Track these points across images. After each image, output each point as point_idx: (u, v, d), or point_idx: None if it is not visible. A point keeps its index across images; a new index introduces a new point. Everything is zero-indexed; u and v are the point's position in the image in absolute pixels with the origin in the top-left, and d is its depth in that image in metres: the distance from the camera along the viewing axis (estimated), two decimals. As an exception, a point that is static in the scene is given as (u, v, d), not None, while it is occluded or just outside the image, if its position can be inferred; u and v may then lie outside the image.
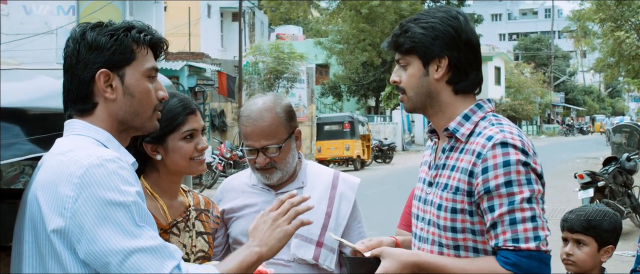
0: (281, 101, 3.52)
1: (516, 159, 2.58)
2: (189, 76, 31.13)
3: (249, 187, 3.61)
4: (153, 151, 3.04)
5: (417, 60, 2.75)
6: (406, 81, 2.79)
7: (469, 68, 2.76)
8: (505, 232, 2.58)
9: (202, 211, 3.23)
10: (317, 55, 51.54)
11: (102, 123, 2.45)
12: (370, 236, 3.62)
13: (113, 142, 2.44)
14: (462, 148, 2.72)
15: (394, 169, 31.96)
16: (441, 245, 2.75)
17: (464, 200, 2.67)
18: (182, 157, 3.02)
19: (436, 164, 2.83)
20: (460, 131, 2.74)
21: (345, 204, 3.60)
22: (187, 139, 3.02)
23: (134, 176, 2.34)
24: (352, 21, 50.26)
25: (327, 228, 3.51)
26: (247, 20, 44.64)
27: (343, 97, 54.27)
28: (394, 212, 16.79)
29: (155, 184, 3.08)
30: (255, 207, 3.53)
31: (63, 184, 2.24)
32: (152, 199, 3.04)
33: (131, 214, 2.24)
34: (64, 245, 2.24)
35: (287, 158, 3.48)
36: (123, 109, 2.45)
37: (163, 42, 2.57)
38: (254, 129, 3.41)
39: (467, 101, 2.79)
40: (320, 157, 31.25)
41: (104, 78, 2.41)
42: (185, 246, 3.03)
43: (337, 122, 32.81)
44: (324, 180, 3.62)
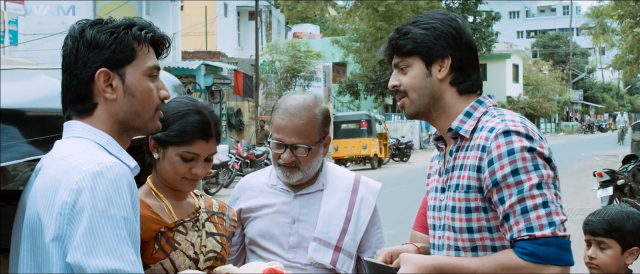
0: (320, 104, 3.46)
1: (520, 146, 2.54)
2: (206, 75, 31.20)
3: (268, 187, 3.55)
4: (154, 147, 2.98)
5: (419, 61, 2.72)
6: (408, 83, 2.75)
7: (470, 69, 2.74)
8: (518, 222, 2.53)
9: (214, 214, 3.16)
10: (334, 54, 51.45)
11: (102, 124, 2.38)
12: (387, 236, 3.58)
13: (114, 145, 2.38)
14: (468, 145, 2.68)
15: (412, 168, 31.82)
16: (458, 249, 2.70)
17: (477, 197, 2.63)
18: (173, 172, 2.95)
19: (446, 169, 2.78)
20: (463, 127, 2.70)
21: (365, 209, 3.53)
22: (184, 159, 2.94)
23: (131, 185, 2.27)
24: (369, 19, 50.16)
25: (346, 232, 3.45)
26: (263, 19, 44.69)
27: (360, 95, 54.08)
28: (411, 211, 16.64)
29: (158, 184, 3.03)
30: (274, 207, 3.48)
31: (61, 191, 2.19)
32: (157, 199, 3.00)
33: (120, 231, 2.18)
34: (59, 255, 2.19)
35: (312, 162, 3.42)
36: (124, 109, 2.39)
37: (165, 39, 2.50)
38: (289, 124, 3.35)
39: (469, 101, 2.76)
40: (337, 156, 31.30)
41: (104, 77, 2.35)
42: (193, 244, 2.96)
43: (354, 120, 32.70)
44: (345, 184, 3.56)
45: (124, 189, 2.22)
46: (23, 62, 5.18)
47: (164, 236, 2.90)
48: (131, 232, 2.22)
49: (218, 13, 39.97)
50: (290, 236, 3.42)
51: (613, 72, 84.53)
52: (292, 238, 3.42)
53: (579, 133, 71.61)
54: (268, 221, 3.45)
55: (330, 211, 3.46)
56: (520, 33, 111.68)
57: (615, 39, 37.73)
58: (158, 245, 2.88)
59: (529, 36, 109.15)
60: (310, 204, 3.48)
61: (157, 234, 2.89)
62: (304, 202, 3.48)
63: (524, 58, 69.20)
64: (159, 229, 2.90)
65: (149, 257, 2.84)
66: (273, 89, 38.36)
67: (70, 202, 2.17)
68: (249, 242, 3.49)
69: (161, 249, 2.88)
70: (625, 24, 32.91)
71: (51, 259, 2.19)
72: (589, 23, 49.98)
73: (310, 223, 3.44)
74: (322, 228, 3.42)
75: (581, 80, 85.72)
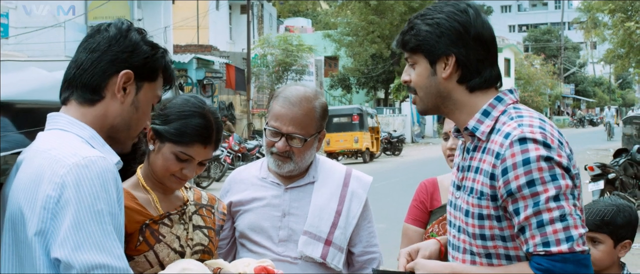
0: (321, 98, 3.46)
1: (536, 155, 2.38)
2: (198, 69, 31.19)
3: (258, 180, 3.54)
4: (151, 138, 2.97)
5: (423, 59, 2.60)
6: (415, 80, 2.63)
7: (480, 65, 2.58)
8: (534, 236, 2.39)
9: (202, 207, 3.16)
10: (326, 48, 51.45)
11: (95, 119, 2.41)
12: (378, 229, 3.58)
13: (97, 139, 2.39)
14: (484, 147, 2.54)
15: (403, 162, 31.83)
16: (473, 254, 2.60)
17: (490, 205, 2.50)
18: (165, 168, 2.94)
19: (461, 166, 2.68)
20: (480, 129, 2.56)
21: (356, 202, 3.52)
22: (178, 159, 2.93)
23: (116, 179, 2.29)
24: (361, 13, 50.10)
25: (336, 226, 3.44)
26: (255, 13, 44.59)
27: (352, 89, 54.10)
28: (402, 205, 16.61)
29: (148, 176, 3.02)
30: (264, 200, 3.47)
31: (45, 184, 2.20)
32: (144, 192, 2.99)
33: (106, 225, 2.19)
34: (42, 249, 2.18)
35: (305, 154, 3.42)
36: (122, 115, 2.44)
37: (173, 78, 2.60)
38: (288, 113, 3.35)
39: (487, 97, 2.60)
40: (329, 150, 31.22)
41: (125, 79, 2.40)
42: (178, 237, 2.96)
43: (346, 114, 32.60)
44: (336, 177, 3.55)
45: (109, 184, 2.23)
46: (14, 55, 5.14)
47: (148, 228, 2.90)
48: (117, 227, 2.23)
49: (210, 7, 39.87)
50: (281, 230, 3.41)
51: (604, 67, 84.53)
52: (282, 231, 3.41)
53: (570, 127, 71.68)
54: (258, 215, 3.44)
55: (320, 204, 3.45)
56: (512, 27, 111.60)
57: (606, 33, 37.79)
58: (142, 237, 2.88)
59: (520, 30, 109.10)
60: (300, 198, 3.47)
61: (142, 227, 2.89)
62: (294, 195, 3.47)
63: (516, 52, 69.18)
64: (143, 222, 2.90)
65: (133, 249, 2.83)
66: (265, 82, 38.31)
67: (55, 197, 2.17)
68: (239, 235, 3.48)
69: (145, 241, 2.87)
70: (617, 19, 32.97)
71: (34, 253, 2.19)
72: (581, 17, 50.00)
73: (300, 217, 3.43)
74: (313, 222, 3.41)
75: (573, 74, 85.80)
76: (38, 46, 25.99)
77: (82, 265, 2.12)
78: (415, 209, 3.79)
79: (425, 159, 31.53)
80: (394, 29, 48.62)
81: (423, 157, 33.32)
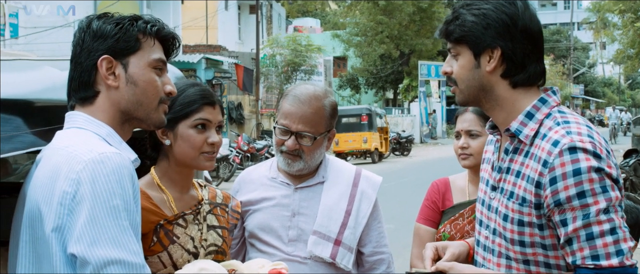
0: (330, 96, 3.47)
1: (587, 166, 2.30)
2: (206, 69, 31.14)
3: (268, 180, 3.54)
4: (163, 134, 2.97)
5: (467, 50, 2.51)
6: (457, 72, 2.54)
7: (526, 59, 2.49)
8: (583, 249, 2.32)
9: (217, 205, 3.15)
10: (334, 48, 51.36)
11: (104, 113, 2.40)
12: (387, 230, 3.56)
13: (115, 137, 2.38)
14: (527, 152, 2.46)
15: (412, 162, 31.68)
16: (509, 258, 2.52)
17: (532, 213, 2.42)
18: (191, 147, 2.94)
19: (499, 166, 2.58)
20: (523, 132, 2.48)
21: (365, 202, 3.51)
22: (198, 129, 2.95)
23: (132, 176, 2.28)
24: (369, 13, 49.90)
25: (346, 226, 3.43)
26: (264, 13, 44.55)
27: (361, 89, 53.98)
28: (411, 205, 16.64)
29: (165, 175, 3.02)
30: (274, 200, 3.46)
31: (61, 180, 2.19)
32: (159, 191, 2.98)
33: (121, 221, 2.18)
34: (59, 246, 2.18)
35: (315, 153, 3.42)
36: (125, 98, 2.40)
37: (174, 38, 2.53)
38: (297, 111, 3.35)
39: (529, 95, 2.52)
40: (338, 150, 31.11)
41: (107, 64, 2.37)
42: (192, 238, 2.95)
43: (355, 114, 32.40)
44: (345, 177, 3.54)
45: (125, 180, 2.21)
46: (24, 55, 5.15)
47: (162, 228, 2.89)
48: (133, 223, 2.22)
49: (219, 7, 39.85)
50: (290, 229, 3.40)
51: (614, 67, 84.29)
52: (291, 231, 3.40)
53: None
54: (268, 214, 3.44)
55: (330, 204, 3.44)
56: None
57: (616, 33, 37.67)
58: (156, 238, 2.87)
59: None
60: (310, 197, 3.46)
61: (156, 227, 2.88)
62: (304, 195, 3.47)
63: None
64: (158, 222, 2.89)
65: (147, 249, 2.81)
66: (274, 82, 38.26)
67: (71, 193, 2.16)
68: (248, 235, 3.47)
69: (159, 242, 2.87)
70: (627, 19, 32.86)
71: (51, 250, 2.18)
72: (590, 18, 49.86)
73: (310, 216, 3.43)
74: (322, 221, 3.40)
75: (582, 74, 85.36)
76: (47, 46, 26.04)
77: (98, 261, 2.11)
78: (427, 209, 3.77)
79: (435, 159, 31.44)
80: (403, 29, 48.56)
81: (432, 157, 33.19)
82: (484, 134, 3.58)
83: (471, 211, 3.62)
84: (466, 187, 3.74)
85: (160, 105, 2.48)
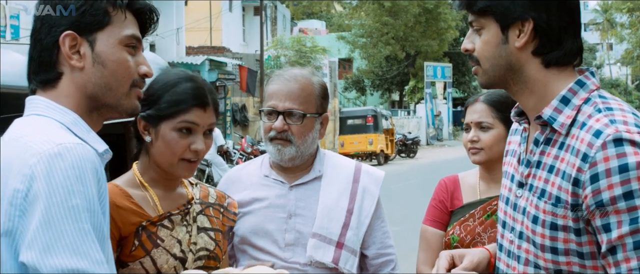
0: (319, 77, 3.21)
1: (636, 162, 1.95)
2: (210, 70, 31.10)
3: (259, 179, 3.23)
4: (144, 129, 2.65)
5: (493, 23, 2.17)
6: (480, 49, 2.20)
7: (562, 34, 2.14)
8: (629, 259, 1.97)
9: (210, 205, 2.83)
10: (340, 50, 51.56)
11: (68, 99, 2.06)
12: (393, 232, 3.28)
13: (80, 125, 2.05)
14: (563, 143, 2.12)
15: (418, 164, 31.82)
16: (538, 267, 2.19)
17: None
18: (171, 152, 2.62)
19: (528, 160, 2.23)
20: (558, 120, 2.13)
21: (368, 200, 3.22)
22: (182, 133, 2.61)
23: (98, 171, 1.95)
24: (375, 15, 50.12)
25: (348, 227, 3.13)
26: (268, 15, 44.54)
27: (366, 91, 54.42)
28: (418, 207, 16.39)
29: (147, 171, 2.70)
30: (266, 201, 3.16)
31: (13, 176, 1.87)
32: (142, 189, 2.67)
33: (82, 224, 1.85)
34: (10, 252, 1.86)
35: (306, 136, 3.11)
36: (92, 80, 2.07)
37: (152, 11, 2.20)
38: (282, 88, 3.08)
39: (563, 77, 2.17)
40: (343, 152, 31.05)
41: (70, 42, 2.05)
42: (180, 242, 2.63)
43: (360, 116, 32.71)
44: (345, 172, 3.25)
45: (87, 175, 1.89)
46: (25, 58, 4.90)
47: (145, 230, 2.58)
48: (96, 226, 1.89)
49: (222, 8, 39.79)
50: (287, 233, 3.10)
51: (621, 68, 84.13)
52: (288, 234, 3.10)
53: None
54: (261, 217, 3.13)
55: (329, 203, 3.15)
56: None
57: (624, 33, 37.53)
58: (138, 241, 2.56)
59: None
60: (307, 196, 3.16)
61: (138, 229, 2.57)
62: (300, 194, 3.17)
63: None
64: (140, 223, 2.58)
65: (127, 254, 2.53)
66: (278, 84, 38.07)
67: (23, 191, 1.84)
68: (239, 241, 3.14)
69: (141, 245, 2.56)
70: (635, 18, 32.67)
71: (1, 257, 1.86)
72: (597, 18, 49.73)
73: (308, 217, 3.12)
74: (322, 223, 3.10)
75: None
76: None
77: (52, 271, 1.79)
78: (434, 209, 3.48)
79: (441, 161, 31.59)
80: (408, 30, 48.86)
81: (439, 159, 33.37)
82: (496, 127, 3.32)
83: (482, 211, 3.34)
84: (477, 185, 3.45)
85: (133, 89, 2.14)
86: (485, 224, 3.30)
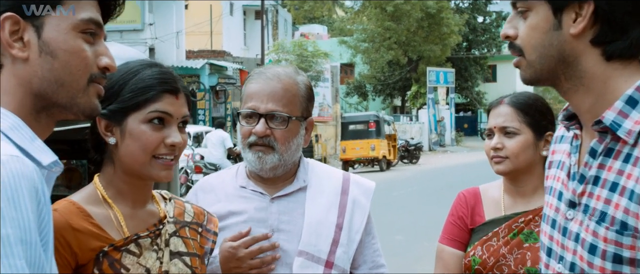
0: (303, 76, 2.84)
1: None
2: (210, 75, 30.98)
3: (235, 190, 2.83)
4: (107, 130, 2.22)
5: (543, 4, 1.77)
6: (525, 35, 1.81)
7: (628, 21, 1.73)
8: None
9: (186, 225, 2.37)
10: (341, 54, 51.42)
11: (8, 97, 1.63)
12: (396, 242, 2.86)
13: (23, 131, 1.61)
14: (629, 155, 1.70)
15: (421, 170, 31.64)
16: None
17: (637, 246, 1.66)
18: (142, 148, 2.18)
19: (582, 174, 1.82)
20: (623, 126, 1.71)
21: (359, 213, 2.85)
22: (153, 125, 2.18)
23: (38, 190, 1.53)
24: (377, 19, 49.95)
25: (338, 243, 2.76)
26: (270, 18, 44.34)
27: (368, 96, 54.49)
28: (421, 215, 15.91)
29: (111, 184, 2.25)
30: (244, 215, 2.76)
31: None
32: (104, 207, 2.22)
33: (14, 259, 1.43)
34: None
35: (290, 143, 2.74)
36: (39, 74, 1.65)
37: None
38: (264, 87, 2.72)
39: (629, 72, 1.76)
40: (345, 158, 31.14)
41: (11, 27, 1.62)
42: (148, 269, 2.18)
43: (363, 121, 32.49)
44: (332, 183, 2.88)
45: (22, 197, 1.46)
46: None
47: (107, 257, 2.13)
48: (33, 261, 1.47)
49: (223, 12, 39.60)
50: (269, 251, 2.72)
51: None
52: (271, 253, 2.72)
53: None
54: None
55: (317, 217, 2.78)
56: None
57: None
58: (98, 270, 2.12)
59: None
60: (291, 209, 2.79)
61: (98, 255, 2.12)
62: (283, 207, 2.79)
63: None
64: (101, 248, 2.13)
65: None
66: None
67: None
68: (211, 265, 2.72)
69: None
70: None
71: None
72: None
73: (292, 233, 2.75)
74: (309, 239, 2.74)
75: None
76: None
77: None
78: (452, 226, 3.06)
79: (444, 167, 31.65)
80: (411, 35, 48.84)
81: (442, 165, 33.40)
82: (523, 132, 2.94)
83: (508, 229, 2.93)
84: (501, 199, 3.04)
85: (92, 85, 1.71)
86: (511, 244, 2.91)
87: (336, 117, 39.95)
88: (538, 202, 2.90)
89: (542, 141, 2.95)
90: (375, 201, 3.03)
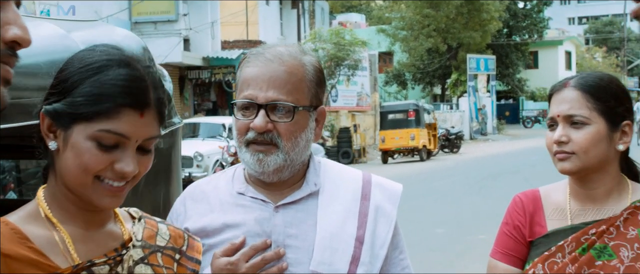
0: (311, 56, 2.31)
1: None
2: (246, 65, 30.83)
3: (232, 197, 2.31)
4: (49, 130, 1.71)
5: None
6: None
7: None
8: None
9: (157, 251, 1.86)
10: (380, 43, 51.37)
11: None
12: (436, 235, 2.38)
13: None
14: None
15: (462, 159, 31.40)
16: None
17: None
18: (80, 167, 1.67)
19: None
20: None
21: (383, 223, 2.33)
22: (100, 145, 1.66)
23: None
24: (415, 7, 49.88)
25: (358, 261, 2.24)
26: (306, 7, 44.12)
27: (408, 85, 54.50)
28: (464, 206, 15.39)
29: (55, 199, 1.75)
30: (243, 228, 2.24)
31: None
32: (48, 227, 1.72)
33: None
34: None
35: (298, 138, 2.24)
36: None
37: None
38: (264, 71, 2.21)
39: None
40: (384, 148, 31.03)
41: None
42: None
43: (402, 110, 32.27)
44: (350, 186, 2.36)
45: None
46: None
47: None
48: None
49: (259, 1, 39.37)
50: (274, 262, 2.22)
51: None
52: None
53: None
54: None
55: (332, 228, 2.25)
56: (571, 20, 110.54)
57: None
58: None
59: (580, 23, 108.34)
60: (300, 220, 2.26)
61: None
62: (290, 217, 2.26)
63: (577, 45, 68.93)
64: None
65: None
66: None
67: None
68: None
69: None
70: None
71: None
72: (645, 7, 48.51)
73: (302, 249, 2.23)
74: (322, 256, 2.22)
75: (636, 67, 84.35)
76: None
77: None
78: (506, 237, 2.52)
79: (486, 156, 31.63)
80: (450, 22, 48.90)
81: (484, 154, 33.38)
82: (594, 122, 2.38)
83: (575, 242, 2.37)
84: (566, 204, 2.46)
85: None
86: (579, 261, 2.35)
87: (375, 107, 39.81)
88: (613, 209, 2.35)
89: (617, 132, 2.37)
90: (415, 192, 2.50)
